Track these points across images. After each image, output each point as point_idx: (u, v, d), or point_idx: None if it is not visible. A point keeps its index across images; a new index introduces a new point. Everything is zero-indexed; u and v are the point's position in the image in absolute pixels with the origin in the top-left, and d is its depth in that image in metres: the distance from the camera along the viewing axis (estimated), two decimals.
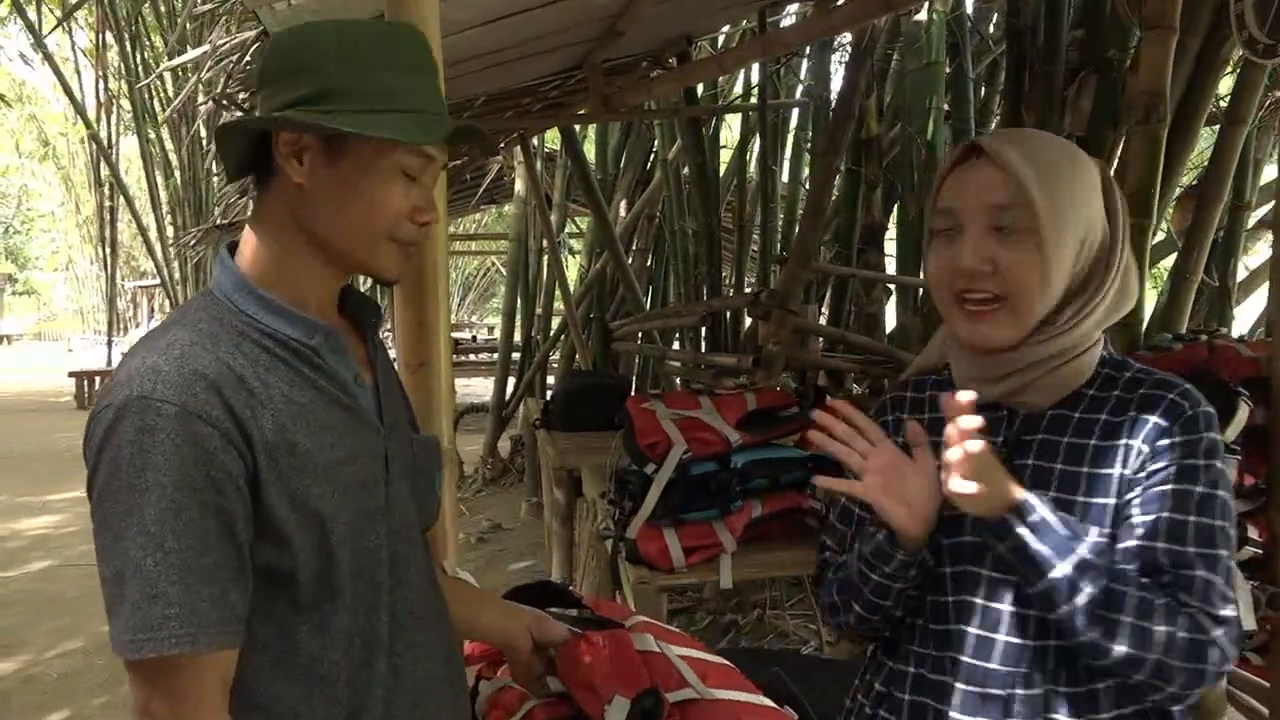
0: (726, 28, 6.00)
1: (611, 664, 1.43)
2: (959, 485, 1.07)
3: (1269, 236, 4.38)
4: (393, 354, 1.43)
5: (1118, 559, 1.10)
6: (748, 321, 5.41)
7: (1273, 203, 4.92)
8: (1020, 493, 1.09)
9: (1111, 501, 1.13)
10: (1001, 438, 1.21)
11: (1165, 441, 1.11)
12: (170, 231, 13.20)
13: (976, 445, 1.06)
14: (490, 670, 1.65)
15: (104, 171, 14.89)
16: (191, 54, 2.94)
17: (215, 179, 12.59)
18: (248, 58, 2.58)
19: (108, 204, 15.99)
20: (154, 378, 0.96)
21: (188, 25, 9.48)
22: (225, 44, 2.33)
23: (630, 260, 6.97)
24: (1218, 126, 3.58)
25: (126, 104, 13.40)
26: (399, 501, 1.15)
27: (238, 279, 1.09)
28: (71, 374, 14.72)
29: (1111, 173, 3.42)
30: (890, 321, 5.25)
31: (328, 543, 1.04)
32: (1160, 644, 1.04)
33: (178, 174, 12.84)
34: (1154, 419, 1.13)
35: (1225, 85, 3.67)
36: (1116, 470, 1.13)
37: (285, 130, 1.06)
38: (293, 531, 1.01)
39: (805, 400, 2.66)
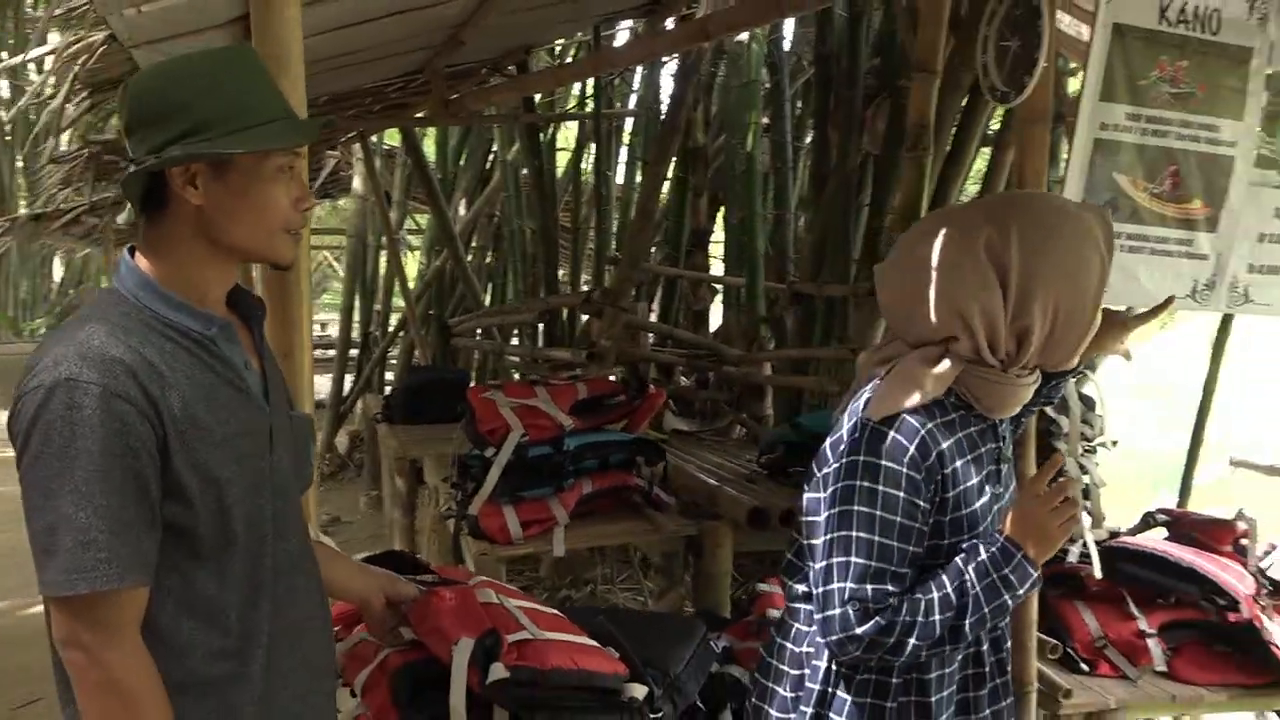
0: (562, 39, 6.25)
1: (457, 613, 1.67)
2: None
3: None
4: None
5: None
6: (583, 318, 5.69)
7: None
8: None
9: None
10: (998, 444, 1.50)
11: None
12: None
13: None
14: (345, 630, 1.85)
15: None
16: (36, 52, 2.93)
17: (19, 166, 11.92)
18: (93, 60, 2.64)
19: None
20: (79, 363, 1.13)
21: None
22: (74, 46, 2.39)
23: (469, 258, 7.12)
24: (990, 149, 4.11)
25: None
26: (280, 468, 1.35)
27: (141, 278, 1.26)
28: None
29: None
30: (715, 319, 5.62)
31: (224, 502, 1.23)
32: None
33: None
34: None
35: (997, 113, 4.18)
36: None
37: (177, 166, 1.22)
38: (195, 493, 1.20)
39: (631, 389, 2.94)
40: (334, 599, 1.72)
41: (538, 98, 6.09)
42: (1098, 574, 2.27)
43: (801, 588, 1.50)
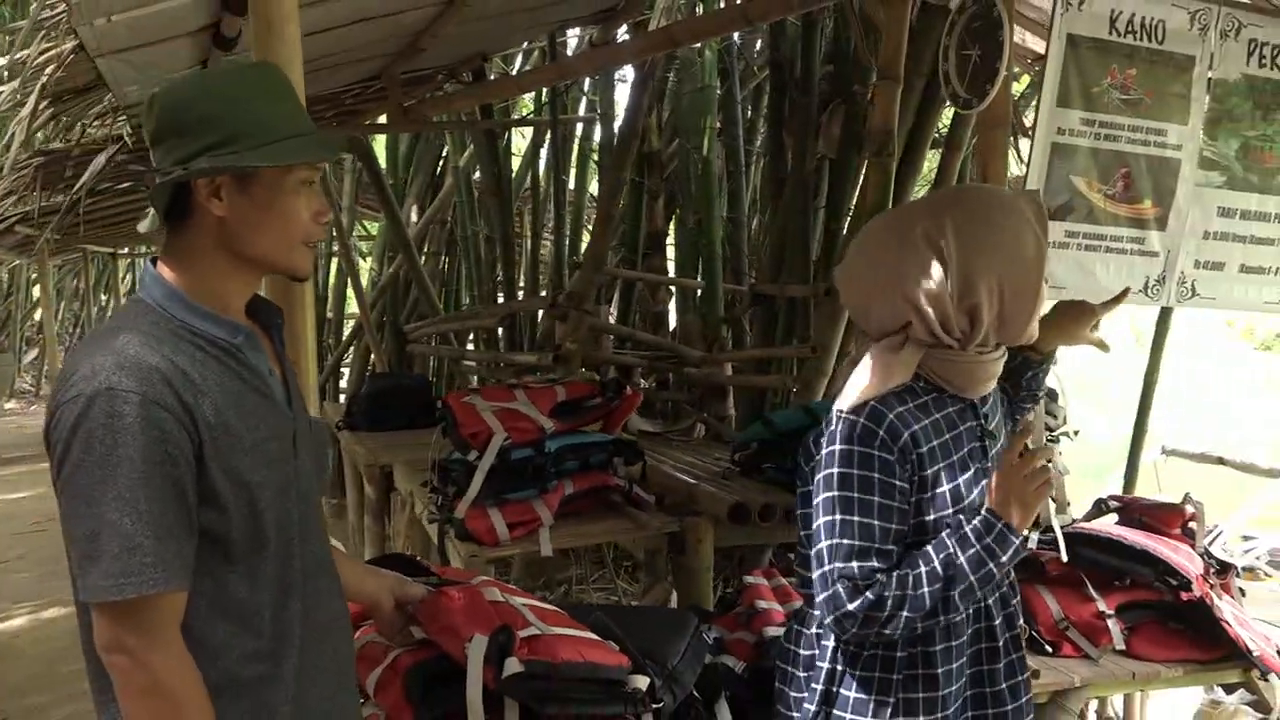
0: (521, 46, 6.27)
1: (468, 611, 1.71)
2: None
3: None
4: None
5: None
6: (542, 322, 5.72)
7: None
8: None
9: None
10: (976, 423, 1.57)
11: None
12: None
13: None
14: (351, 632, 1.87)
15: None
16: None
17: None
18: (60, 70, 2.62)
19: None
20: (117, 372, 1.16)
21: None
22: (43, 55, 2.38)
23: (422, 263, 7.10)
24: (940, 151, 4.25)
25: None
26: (304, 472, 1.38)
27: (168, 289, 1.28)
28: None
29: (857, 192, 3.97)
30: (671, 320, 5.69)
31: (256, 506, 1.26)
32: None
33: None
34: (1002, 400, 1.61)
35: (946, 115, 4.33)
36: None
37: (203, 178, 1.25)
38: (228, 498, 1.23)
39: (607, 391, 2.99)
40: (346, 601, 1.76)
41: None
42: (1064, 558, 2.38)
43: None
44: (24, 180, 4.63)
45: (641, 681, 1.76)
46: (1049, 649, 2.39)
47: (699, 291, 5.23)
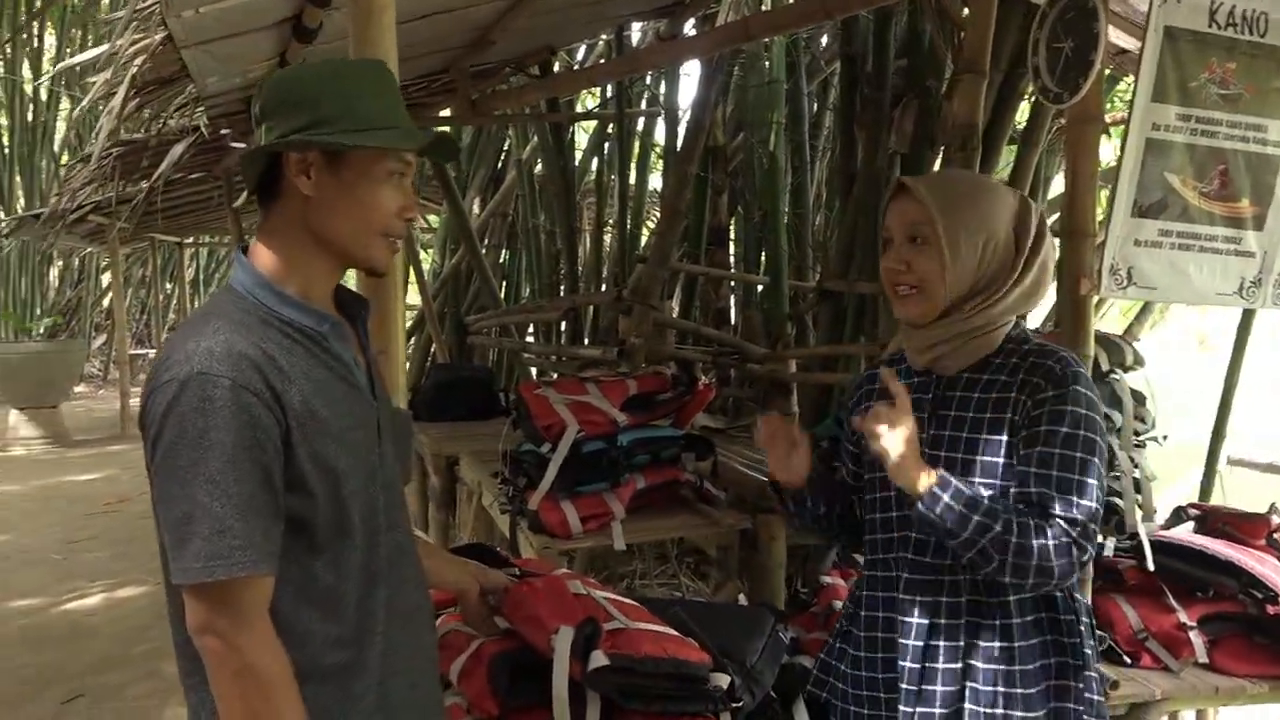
0: (585, 40, 6.29)
1: (553, 602, 1.71)
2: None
3: (1057, 242, 5.03)
4: None
5: (1011, 483, 1.50)
6: (604, 315, 5.73)
7: (1059, 214, 5.63)
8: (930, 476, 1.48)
9: (1005, 438, 1.53)
10: (930, 395, 1.61)
11: (1041, 395, 1.50)
12: None
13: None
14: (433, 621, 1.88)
15: None
16: (92, 52, 2.95)
17: (43, 165, 11.91)
18: (148, 61, 2.67)
19: None
20: (209, 358, 1.17)
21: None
22: (134, 46, 2.42)
23: (484, 255, 7.15)
24: (1016, 147, 4.16)
25: None
26: (388, 461, 1.40)
27: (257, 277, 1.30)
28: None
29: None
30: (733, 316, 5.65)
31: (341, 493, 1.27)
32: (1035, 553, 1.43)
33: None
34: (1035, 379, 1.52)
35: (1022, 111, 4.25)
36: (1008, 415, 1.53)
37: (296, 150, 1.28)
38: (315, 484, 1.24)
39: (679, 386, 2.98)
40: (430, 587, 1.77)
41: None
42: (1150, 567, 2.32)
43: None
44: (104, 170, 4.74)
45: (723, 680, 1.74)
46: (1127, 660, 2.34)
47: (761, 287, 5.19)
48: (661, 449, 2.82)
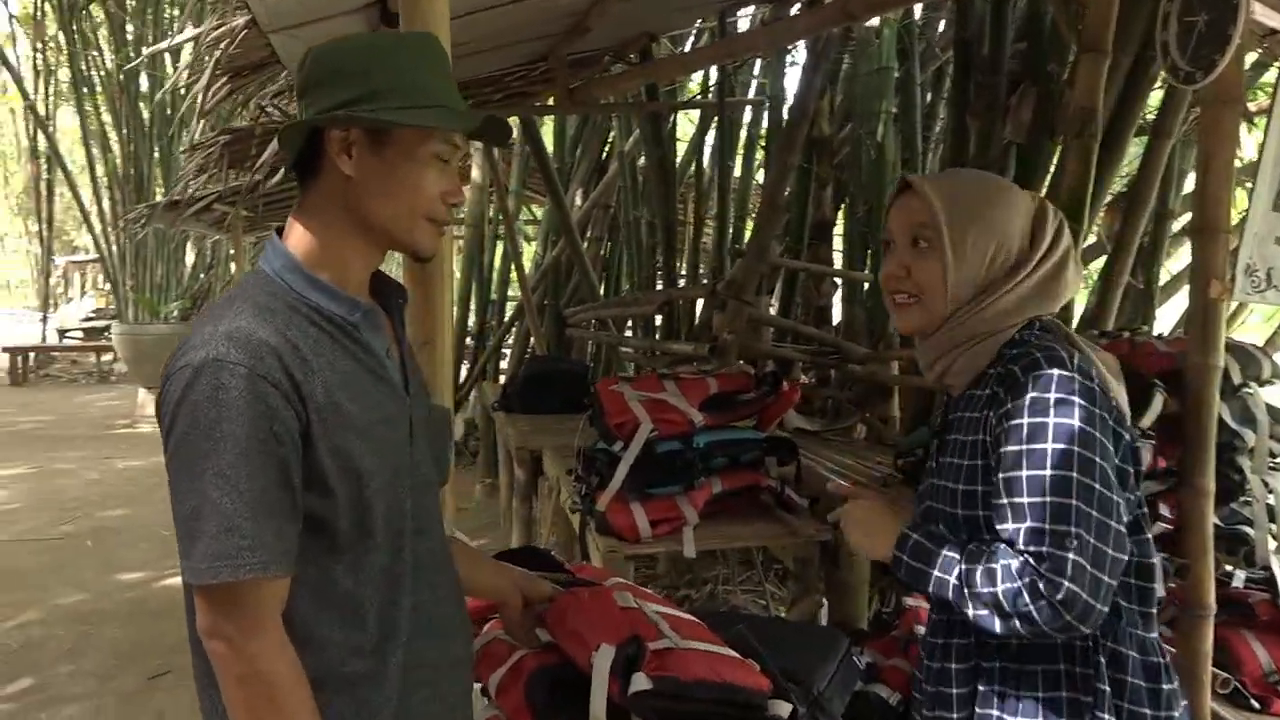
0: (687, 27, 6.16)
1: (597, 616, 1.59)
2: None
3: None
4: None
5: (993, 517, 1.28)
6: (700, 310, 5.59)
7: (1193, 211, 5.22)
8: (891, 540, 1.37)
9: (979, 463, 1.33)
10: (940, 419, 1.47)
11: (1001, 409, 1.29)
12: (108, 207, 12.95)
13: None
14: (476, 627, 1.80)
15: (41, 144, 14.51)
16: (180, 38, 3.00)
17: (155, 156, 12.47)
18: (234, 46, 2.67)
19: (44, 177, 15.57)
20: (226, 343, 1.10)
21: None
22: (215, 30, 2.42)
23: (585, 248, 7.11)
24: (1146, 138, 3.83)
25: (63, 75, 13.12)
26: (420, 460, 1.30)
27: (288, 260, 1.22)
28: (5, 349, 14.39)
29: (1048, 180, 3.64)
30: (837, 314, 5.45)
31: (364, 494, 1.18)
32: (999, 600, 1.21)
33: (117, 148, 12.58)
34: (999, 390, 1.31)
35: (1154, 99, 3.92)
36: (980, 436, 1.33)
37: (338, 127, 1.20)
38: (335, 482, 1.15)
39: (763, 385, 2.82)
40: (470, 597, 1.68)
41: (658, 86, 6.02)
42: None
43: None
44: (213, 157, 4.85)
45: (783, 708, 1.60)
46: (1255, 705, 2.08)
47: (866, 285, 4.97)
48: (741, 451, 2.67)
